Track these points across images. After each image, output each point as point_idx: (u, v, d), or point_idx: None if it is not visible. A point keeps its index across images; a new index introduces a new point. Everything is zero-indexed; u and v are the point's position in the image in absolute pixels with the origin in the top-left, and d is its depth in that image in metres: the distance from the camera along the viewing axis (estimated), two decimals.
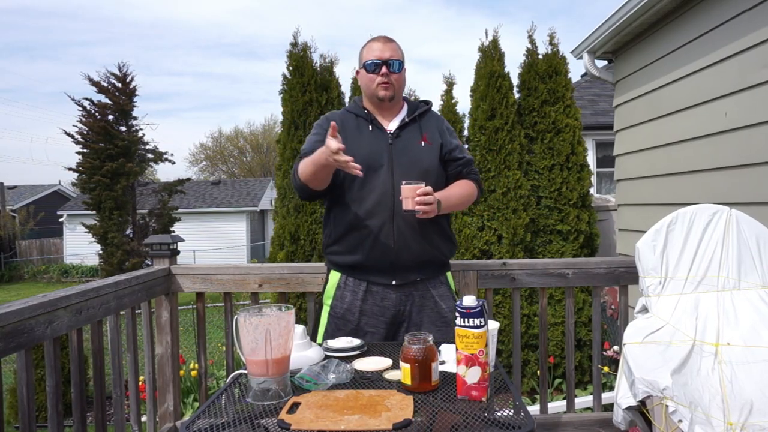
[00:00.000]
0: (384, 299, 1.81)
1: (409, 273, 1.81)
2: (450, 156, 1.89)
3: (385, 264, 1.78)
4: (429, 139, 1.86)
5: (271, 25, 64.71)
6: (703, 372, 1.69)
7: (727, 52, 2.93)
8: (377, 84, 1.80)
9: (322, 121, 1.91)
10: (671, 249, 1.93)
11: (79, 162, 10.89)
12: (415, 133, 1.86)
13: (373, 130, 1.84)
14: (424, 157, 1.83)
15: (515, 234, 4.71)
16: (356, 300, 1.81)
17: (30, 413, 1.56)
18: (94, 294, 1.85)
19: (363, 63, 1.83)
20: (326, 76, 4.99)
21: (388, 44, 1.81)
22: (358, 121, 1.87)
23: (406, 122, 1.86)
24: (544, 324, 2.35)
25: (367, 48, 1.84)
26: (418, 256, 1.80)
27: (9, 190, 22.98)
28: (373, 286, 1.81)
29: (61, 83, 66.71)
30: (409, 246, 1.78)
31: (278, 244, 4.91)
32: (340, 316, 1.83)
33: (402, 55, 1.85)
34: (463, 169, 1.92)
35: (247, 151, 35.22)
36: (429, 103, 1.96)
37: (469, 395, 1.25)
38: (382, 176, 1.77)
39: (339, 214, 1.83)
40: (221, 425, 1.17)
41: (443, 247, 1.89)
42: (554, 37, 4.98)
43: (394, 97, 1.83)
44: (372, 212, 1.77)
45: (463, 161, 1.91)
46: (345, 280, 1.84)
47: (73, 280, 17.77)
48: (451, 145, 1.90)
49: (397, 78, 1.82)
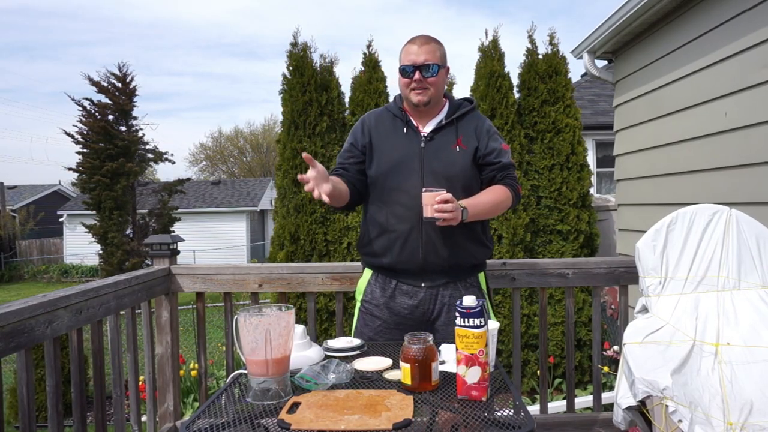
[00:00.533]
0: (413, 297, 1.81)
1: (438, 276, 1.80)
2: (484, 160, 1.82)
3: (414, 268, 1.78)
4: (464, 143, 1.80)
5: (271, 25, 64.75)
6: (703, 372, 1.69)
7: (727, 52, 2.93)
8: (411, 89, 1.76)
9: (359, 124, 1.89)
10: (671, 249, 1.93)
11: (79, 162, 10.89)
12: (450, 136, 1.80)
13: (407, 132, 1.81)
14: (456, 161, 1.78)
15: (515, 234, 4.71)
16: (385, 297, 1.82)
17: (30, 413, 1.56)
18: (94, 294, 1.85)
19: (400, 66, 1.78)
20: (326, 76, 4.99)
21: (424, 46, 1.74)
22: (394, 121, 1.84)
23: (443, 125, 1.81)
24: (544, 324, 2.35)
25: (404, 50, 1.78)
26: (447, 261, 1.78)
27: (9, 190, 22.97)
28: (402, 285, 1.81)
29: (61, 83, 66.79)
30: (438, 251, 1.76)
31: (278, 244, 4.91)
32: (369, 312, 1.84)
33: (440, 56, 1.77)
34: (498, 174, 1.84)
35: (247, 151, 35.22)
36: (472, 102, 1.90)
37: (469, 395, 1.25)
38: (413, 181, 1.74)
39: (371, 216, 1.83)
40: (221, 425, 1.17)
41: (476, 252, 1.85)
42: (554, 37, 4.98)
43: (429, 102, 1.77)
44: (401, 217, 1.75)
45: (498, 166, 1.83)
46: (376, 277, 1.86)
47: (73, 280, 17.77)
48: (488, 148, 1.83)
49: (433, 81, 1.75)
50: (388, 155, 1.80)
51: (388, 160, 1.79)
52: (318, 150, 4.87)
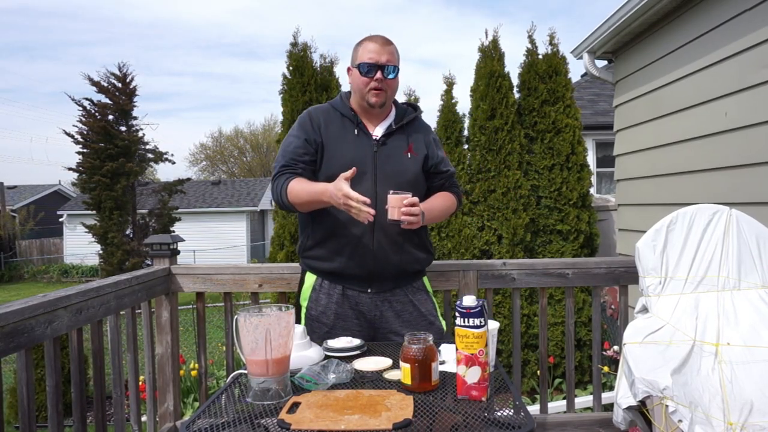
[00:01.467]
0: (359, 303, 1.79)
1: (386, 282, 1.79)
2: (436, 169, 1.86)
3: (363, 273, 1.76)
4: (415, 150, 1.80)
5: (271, 25, 64.76)
6: (703, 372, 1.69)
7: (727, 52, 2.94)
8: (369, 89, 1.72)
9: (305, 119, 1.82)
10: (671, 249, 1.93)
11: (79, 162, 10.90)
12: (401, 142, 1.80)
13: (358, 134, 1.77)
14: (408, 167, 1.78)
15: (515, 234, 4.71)
16: (331, 303, 1.78)
17: (30, 413, 1.56)
18: (94, 294, 1.85)
19: (357, 63, 1.74)
20: (326, 76, 4.99)
21: (385, 47, 1.72)
22: (343, 121, 1.80)
23: (393, 130, 1.80)
24: (544, 324, 2.35)
25: (363, 47, 1.74)
26: (396, 267, 1.78)
27: (9, 190, 22.97)
28: (348, 290, 1.79)
29: (61, 83, 66.80)
30: (388, 256, 1.75)
31: (278, 244, 4.91)
32: (315, 318, 1.80)
33: (398, 59, 1.76)
34: (446, 182, 1.90)
35: (247, 151, 35.21)
36: (417, 109, 1.89)
37: (469, 395, 1.25)
38: (365, 184, 1.70)
39: (318, 220, 1.77)
40: (221, 425, 1.17)
41: (421, 258, 1.86)
42: (554, 37, 4.98)
43: (384, 104, 1.76)
44: (352, 222, 1.69)
45: (447, 174, 1.89)
46: (321, 282, 1.81)
47: (73, 280, 17.77)
48: (437, 158, 1.86)
49: (390, 84, 1.74)
50: (340, 157, 1.74)
51: (340, 162, 1.71)
52: None
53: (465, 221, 4.85)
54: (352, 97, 1.84)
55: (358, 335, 1.77)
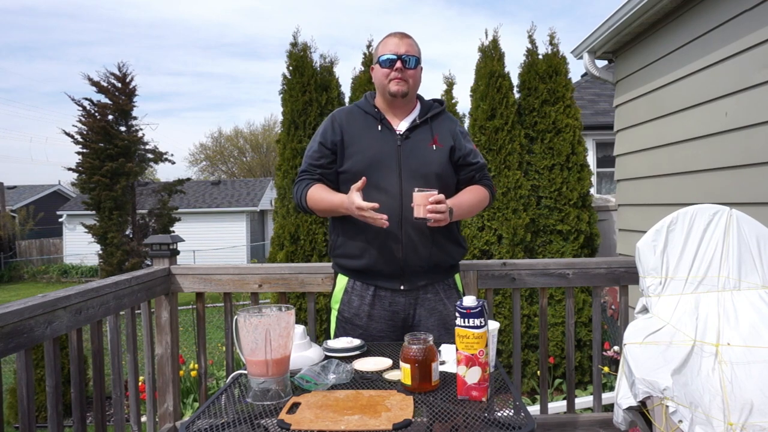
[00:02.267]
0: (392, 304, 1.78)
1: (418, 278, 1.78)
2: (464, 161, 1.84)
3: (393, 269, 1.75)
4: (440, 141, 1.80)
5: (272, 25, 64.75)
6: (704, 372, 1.69)
7: (727, 52, 2.93)
8: (390, 79, 1.74)
9: (327, 124, 1.85)
10: (671, 249, 1.92)
11: (78, 162, 10.91)
12: (425, 134, 1.80)
13: (381, 130, 1.78)
14: (433, 160, 1.77)
15: (515, 234, 4.71)
16: (364, 305, 1.78)
17: (30, 413, 1.56)
18: (93, 294, 1.84)
19: (378, 58, 1.78)
20: (326, 76, 4.99)
21: (404, 40, 1.77)
22: (366, 118, 1.82)
23: (417, 123, 1.81)
24: (544, 324, 2.35)
25: (382, 43, 1.79)
26: (427, 261, 1.76)
27: (9, 190, 22.96)
28: (380, 290, 1.78)
29: (61, 83, 66.72)
30: (418, 251, 1.74)
31: (278, 245, 4.91)
32: (348, 320, 1.80)
33: (418, 51, 1.80)
34: (476, 174, 1.87)
35: (247, 151, 35.21)
36: (443, 103, 1.90)
37: (469, 395, 1.25)
38: (390, 179, 1.72)
39: (345, 219, 1.78)
40: (221, 425, 1.17)
41: (453, 252, 1.84)
42: (554, 37, 4.98)
43: (407, 94, 1.77)
44: None
45: (476, 166, 1.86)
46: (353, 284, 1.81)
47: (73, 280, 17.77)
48: (465, 149, 1.84)
49: (412, 74, 1.76)
50: (363, 153, 1.76)
51: (363, 158, 1.75)
52: None
53: (465, 221, 4.85)
54: (377, 95, 1.86)
55: (391, 336, 1.78)
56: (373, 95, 1.88)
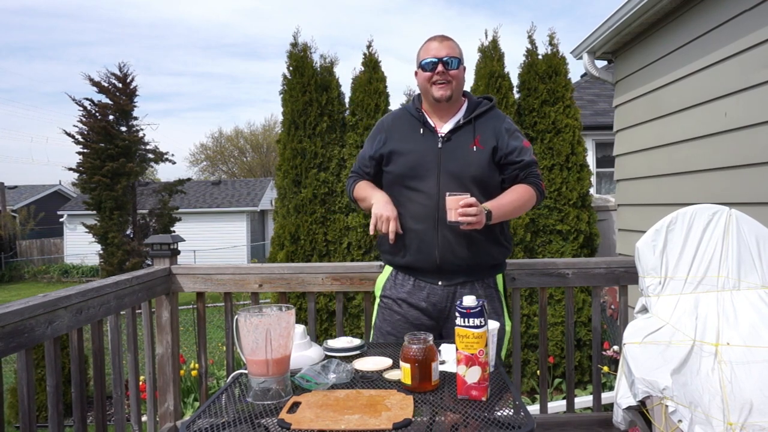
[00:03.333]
0: (431, 295, 1.81)
1: (456, 276, 1.80)
2: (506, 159, 1.81)
3: (431, 267, 1.79)
4: (481, 142, 1.79)
5: (272, 25, 64.75)
6: (703, 372, 1.69)
7: (727, 52, 2.94)
8: (432, 83, 1.77)
9: (377, 127, 1.94)
10: (671, 249, 1.93)
11: (79, 162, 10.91)
12: (467, 136, 1.79)
13: (424, 133, 1.81)
14: (473, 161, 1.77)
15: (515, 234, 4.71)
16: (403, 293, 1.84)
17: (30, 413, 1.56)
18: (94, 294, 1.85)
19: (420, 62, 1.80)
20: (326, 76, 4.99)
21: (444, 42, 1.78)
22: (411, 121, 1.85)
23: (461, 124, 1.81)
24: (544, 324, 2.35)
25: (424, 48, 1.81)
26: (465, 261, 1.78)
27: (9, 190, 22.96)
28: (421, 282, 1.83)
29: (61, 83, 66.71)
30: (455, 252, 1.76)
31: (278, 244, 4.91)
32: (389, 306, 1.86)
33: (460, 52, 1.80)
34: (521, 173, 1.83)
35: (247, 151, 35.21)
36: (492, 100, 1.89)
37: (469, 395, 1.25)
38: (429, 182, 1.76)
39: None
40: (221, 425, 1.17)
41: (494, 252, 1.83)
42: (554, 37, 4.98)
43: (451, 97, 1.78)
44: (416, 218, 1.77)
45: (521, 164, 1.82)
46: (395, 274, 1.88)
47: (74, 280, 17.77)
48: (508, 147, 1.81)
49: (455, 74, 1.77)
50: (405, 156, 1.81)
51: (404, 161, 1.80)
52: (318, 150, 4.87)
53: None
54: (423, 98, 1.88)
55: (427, 324, 1.83)
56: (420, 98, 1.90)
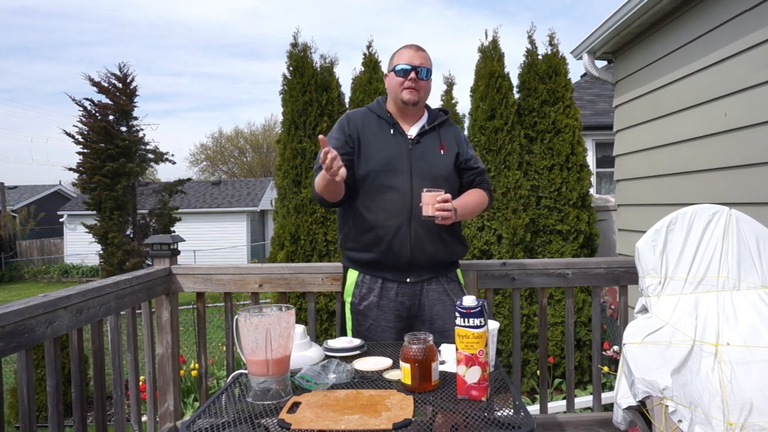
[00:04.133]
0: (398, 294, 1.89)
1: (423, 272, 1.89)
2: (466, 165, 1.98)
3: (401, 263, 1.86)
4: (447, 147, 1.93)
5: (272, 26, 64.74)
6: (703, 372, 1.69)
7: (727, 52, 2.94)
8: (403, 88, 1.86)
9: (343, 121, 1.95)
10: (671, 249, 1.93)
11: (79, 162, 10.91)
12: (434, 140, 1.93)
13: (394, 134, 1.91)
14: (441, 164, 1.90)
15: (515, 234, 4.71)
16: (373, 296, 1.89)
17: (30, 413, 1.56)
18: (94, 294, 1.85)
19: (393, 67, 1.89)
20: (326, 76, 4.99)
21: (419, 52, 1.88)
22: (380, 122, 1.93)
23: (426, 129, 1.93)
24: (544, 324, 2.35)
25: (398, 53, 1.90)
26: (432, 257, 1.88)
27: (9, 190, 22.97)
28: (388, 282, 1.89)
29: (61, 83, 66.68)
30: (424, 247, 1.86)
31: (278, 244, 4.91)
32: (361, 312, 1.91)
33: (431, 64, 1.92)
34: (477, 178, 2.01)
35: (248, 151, 35.21)
36: (447, 113, 2.04)
37: (469, 395, 1.25)
38: (401, 180, 1.84)
39: (357, 214, 1.89)
40: (222, 425, 1.17)
41: (456, 249, 1.97)
42: (554, 37, 4.98)
43: (418, 103, 1.89)
44: (390, 214, 1.84)
45: (477, 171, 2.01)
46: (362, 278, 1.92)
47: (74, 280, 17.77)
48: (468, 155, 1.99)
49: (424, 84, 1.88)
50: (378, 154, 1.87)
51: (377, 159, 1.87)
52: (318, 150, 4.87)
53: (465, 221, 4.85)
54: (389, 101, 1.97)
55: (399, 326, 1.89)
56: (385, 99, 1.99)
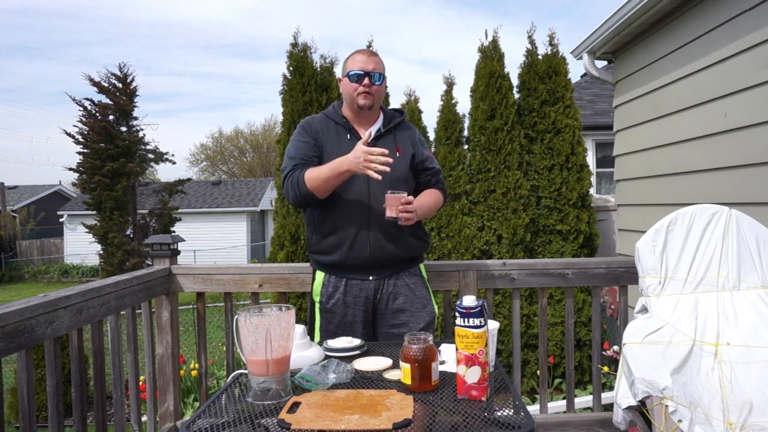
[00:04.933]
0: (362, 290, 1.94)
1: (384, 269, 1.95)
2: (422, 166, 2.03)
3: (362, 263, 1.91)
4: (402, 149, 1.98)
5: (272, 26, 64.73)
6: (703, 372, 1.69)
7: (727, 52, 2.94)
8: (358, 93, 1.90)
9: (305, 126, 1.99)
10: (671, 249, 1.93)
11: (79, 162, 10.91)
12: (389, 143, 1.96)
13: (351, 138, 1.94)
14: (397, 166, 1.90)
15: (515, 234, 4.71)
16: (339, 293, 1.95)
17: (30, 413, 1.56)
18: (94, 294, 1.85)
19: (347, 72, 1.93)
20: (326, 76, 4.99)
21: (371, 58, 1.92)
22: (337, 128, 1.98)
23: (382, 132, 1.97)
24: (544, 324, 2.35)
25: (351, 59, 1.94)
26: (392, 256, 1.93)
27: (9, 190, 22.97)
28: (352, 280, 1.94)
29: (61, 83, 66.65)
30: (384, 248, 1.91)
31: (278, 244, 4.91)
32: (329, 310, 1.96)
33: (383, 68, 1.96)
34: (432, 179, 2.06)
35: (248, 152, 35.21)
36: (403, 113, 2.07)
37: (469, 395, 1.25)
38: (358, 184, 1.89)
39: (318, 219, 1.96)
40: (221, 425, 1.17)
41: (414, 246, 2.00)
42: (554, 37, 4.98)
43: (372, 107, 1.94)
44: (349, 218, 1.89)
45: (432, 171, 2.06)
46: (328, 278, 1.97)
47: (74, 280, 17.77)
48: (423, 156, 2.03)
49: (377, 89, 1.92)
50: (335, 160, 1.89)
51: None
52: None
53: (465, 221, 4.85)
54: (344, 106, 2.02)
55: (365, 319, 1.95)
56: (341, 105, 2.03)
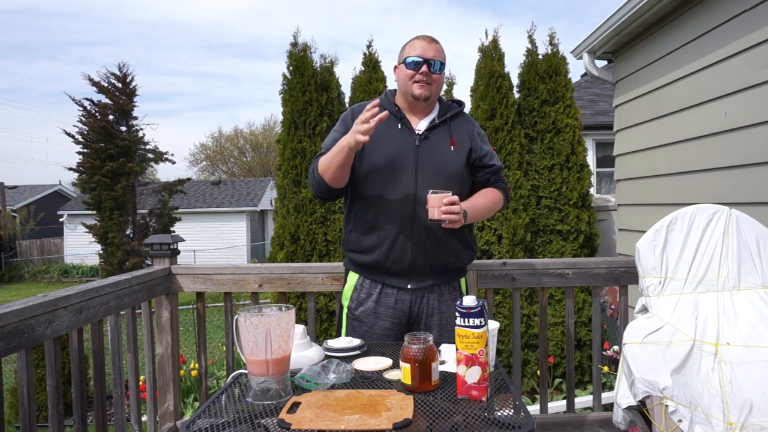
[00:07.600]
0: (398, 302, 1.79)
1: (425, 278, 1.79)
2: (480, 162, 1.85)
3: (402, 267, 1.76)
4: (458, 143, 1.80)
5: (272, 25, 64.71)
6: (703, 372, 1.69)
7: (727, 52, 2.94)
8: (414, 81, 1.75)
9: (346, 116, 1.85)
10: (671, 249, 1.93)
11: (79, 162, 10.90)
12: (444, 135, 1.80)
13: (402, 129, 1.78)
14: (450, 161, 1.77)
15: (515, 234, 4.71)
16: (371, 301, 1.80)
17: (30, 413, 1.56)
18: (94, 294, 1.85)
19: (403, 59, 1.77)
20: (326, 76, 4.99)
21: (432, 44, 1.76)
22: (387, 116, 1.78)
23: (436, 124, 1.81)
24: (544, 324, 2.35)
25: (410, 45, 1.78)
26: (436, 262, 1.78)
27: (9, 190, 22.95)
28: (387, 288, 1.79)
29: (61, 83, 66.68)
30: (427, 252, 1.75)
31: (278, 244, 4.91)
32: (357, 317, 1.82)
33: (444, 57, 1.80)
34: (492, 177, 1.88)
35: (247, 151, 35.21)
36: (462, 104, 1.90)
37: (469, 395, 1.25)
38: (406, 179, 1.73)
39: (359, 212, 1.80)
40: (221, 425, 1.17)
41: (462, 255, 1.84)
42: (554, 37, 4.98)
43: (429, 98, 1.78)
44: (392, 215, 1.73)
45: (492, 169, 1.88)
46: (362, 282, 1.83)
47: (74, 280, 17.76)
48: (482, 151, 1.85)
49: (437, 78, 1.77)
50: (382, 151, 1.75)
51: (381, 155, 1.75)
52: (317, 150, 4.87)
53: None
54: (398, 94, 1.85)
55: (395, 334, 1.79)
56: (394, 92, 1.87)
